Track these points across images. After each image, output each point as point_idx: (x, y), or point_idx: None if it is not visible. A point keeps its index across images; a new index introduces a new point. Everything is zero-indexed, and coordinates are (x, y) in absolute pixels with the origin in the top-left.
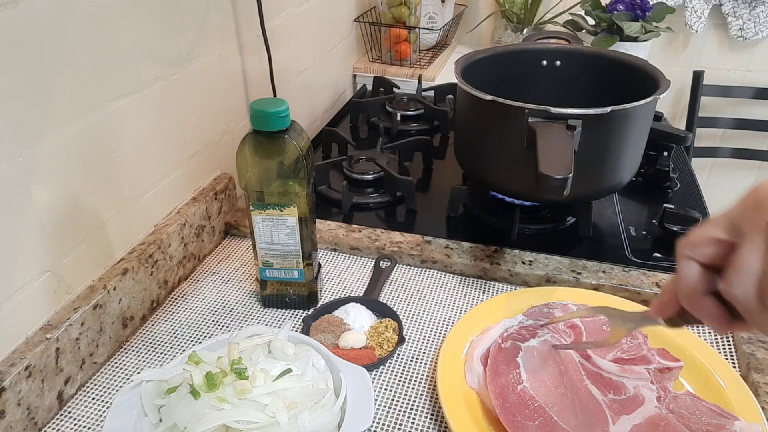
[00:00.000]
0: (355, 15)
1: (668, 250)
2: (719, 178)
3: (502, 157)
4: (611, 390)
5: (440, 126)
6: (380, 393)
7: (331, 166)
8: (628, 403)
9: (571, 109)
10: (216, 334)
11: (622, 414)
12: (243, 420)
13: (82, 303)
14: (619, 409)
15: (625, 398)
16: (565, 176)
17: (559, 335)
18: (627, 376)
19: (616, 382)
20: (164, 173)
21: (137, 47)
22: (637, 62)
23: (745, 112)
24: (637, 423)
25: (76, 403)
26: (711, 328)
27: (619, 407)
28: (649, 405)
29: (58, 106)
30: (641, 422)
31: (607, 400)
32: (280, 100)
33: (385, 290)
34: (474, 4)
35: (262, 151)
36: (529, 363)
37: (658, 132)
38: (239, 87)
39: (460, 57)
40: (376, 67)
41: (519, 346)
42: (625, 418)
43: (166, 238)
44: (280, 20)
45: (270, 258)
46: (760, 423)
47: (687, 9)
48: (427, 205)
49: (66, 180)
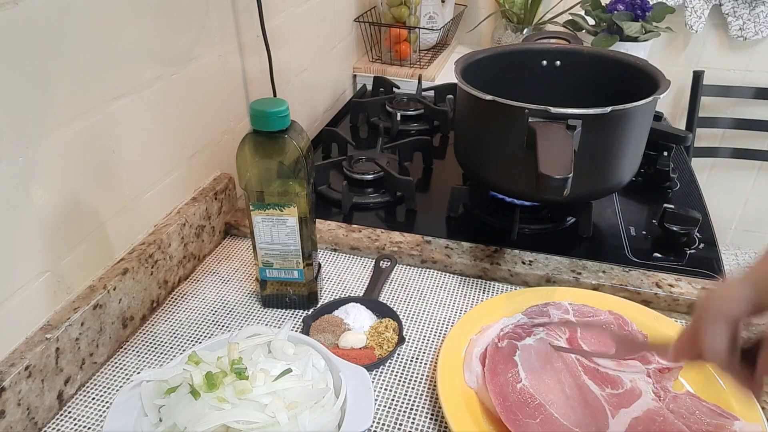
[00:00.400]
0: (355, 15)
1: (668, 250)
2: (719, 178)
3: (502, 157)
4: (609, 384)
5: (440, 126)
6: (380, 393)
7: (331, 166)
8: (626, 397)
9: (571, 109)
10: (216, 334)
11: (620, 407)
12: (243, 420)
13: (82, 303)
14: (618, 403)
15: (622, 392)
16: (565, 176)
17: (554, 333)
18: (623, 370)
19: (613, 377)
20: (164, 173)
21: (137, 47)
22: (637, 62)
23: (745, 112)
24: (635, 416)
25: (76, 403)
26: (738, 385)
27: (618, 401)
28: (646, 397)
29: (58, 106)
30: (640, 415)
31: (605, 395)
32: (280, 100)
33: (385, 290)
34: (474, 4)
35: (262, 151)
36: (526, 361)
37: (658, 132)
38: (239, 87)
39: (460, 57)
40: (376, 67)
41: (515, 344)
42: (624, 411)
43: (166, 238)
44: (280, 20)
45: (270, 258)
46: (760, 423)
47: (687, 9)
48: (427, 205)
49: (66, 180)
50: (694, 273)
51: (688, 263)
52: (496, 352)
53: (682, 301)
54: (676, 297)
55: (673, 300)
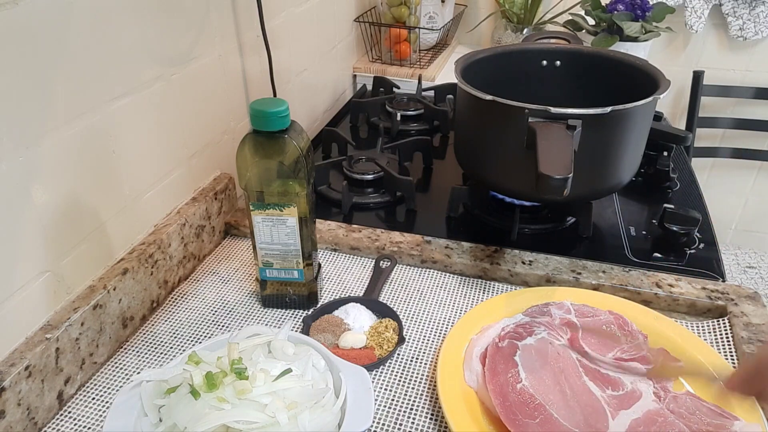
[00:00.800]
0: (355, 15)
1: (668, 250)
2: (719, 178)
3: (502, 157)
4: (609, 386)
5: (440, 126)
6: (380, 393)
7: (331, 166)
8: (626, 399)
9: (571, 109)
10: (216, 334)
11: (620, 409)
12: (243, 420)
13: (82, 303)
14: (618, 405)
15: (623, 394)
16: (565, 176)
17: (555, 332)
18: (623, 372)
19: (614, 378)
20: (164, 173)
21: (137, 47)
22: (637, 62)
23: (745, 112)
24: (635, 417)
25: (76, 403)
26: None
27: (618, 403)
28: (646, 399)
29: (58, 106)
30: (640, 417)
31: (606, 396)
32: (280, 100)
33: (385, 290)
34: (474, 4)
35: (262, 151)
36: (527, 361)
37: (658, 132)
38: (239, 87)
39: (460, 57)
40: (376, 67)
41: (516, 344)
42: (624, 413)
43: (166, 238)
44: (280, 20)
45: (270, 258)
46: (760, 423)
47: (687, 9)
48: (427, 205)
49: (66, 180)
50: (694, 273)
51: (688, 263)
52: (497, 352)
53: (682, 301)
54: (676, 297)
55: (673, 300)
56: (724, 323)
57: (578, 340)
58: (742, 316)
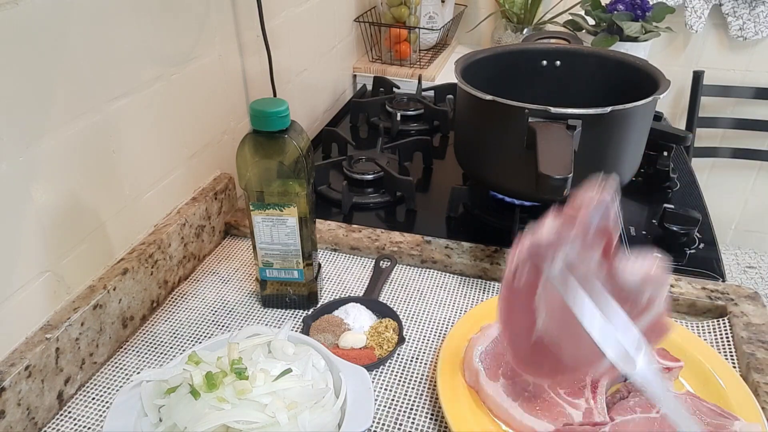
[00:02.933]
0: (355, 15)
1: (668, 250)
2: (719, 178)
3: (502, 157)
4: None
5: (440, 126)
6: (380, 393)
7: (331, 166)
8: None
9: (571, 109)
10: (216, 334)
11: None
12: (243, 420)
13: (82, 303)
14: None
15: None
16: (565, 176)
17: (586, 250)
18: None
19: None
20: (164, 173)
21: (137, 47)
22: (637, 62)
23: (745, 112)
24: (633, 417)
25: (76, 403)
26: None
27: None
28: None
29: (58, 106)
30: (637, 419)
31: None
32: (280, 100)
33: (385, 290)
34: (474, 4)
35: (262, 151)
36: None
37: (658, 132)
38: (239, 87)
39: (460, 57)
40: (376, 67)
41: (536, 279)
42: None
43: (166, 238)
44: (280, 20)
45: (270, 258)
46: (760, 423)
47: (687, 9)
48: (427, 205)
49: (66, 180)
50: (694, 273)
51: (688, 263)
52: (511, 294)
53: (682, 301)
54: (676, 297)
55: (673, 300)
56: (724, 323)
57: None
58: (742, 316)
